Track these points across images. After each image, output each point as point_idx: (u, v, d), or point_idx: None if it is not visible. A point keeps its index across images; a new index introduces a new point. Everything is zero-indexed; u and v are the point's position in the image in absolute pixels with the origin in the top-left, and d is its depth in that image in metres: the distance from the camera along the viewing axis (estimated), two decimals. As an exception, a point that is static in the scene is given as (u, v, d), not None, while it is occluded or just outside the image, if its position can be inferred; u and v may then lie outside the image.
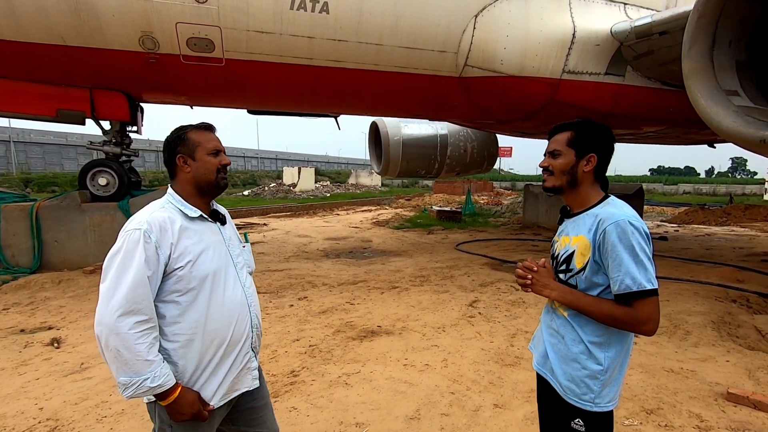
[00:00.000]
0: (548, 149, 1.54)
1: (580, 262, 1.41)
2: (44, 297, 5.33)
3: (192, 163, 1.49)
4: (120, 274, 1.32)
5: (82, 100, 6.58)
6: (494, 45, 6.84)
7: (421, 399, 3.02)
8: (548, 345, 1.54)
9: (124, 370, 1.28)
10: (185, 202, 1.49)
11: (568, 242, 1.48)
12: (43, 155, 34.41)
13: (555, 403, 1.49)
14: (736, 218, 15.44)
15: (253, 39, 6.12)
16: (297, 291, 5.78)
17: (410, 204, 21.47)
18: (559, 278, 1.51)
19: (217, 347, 1.45)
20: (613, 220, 1.34)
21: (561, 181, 1.51)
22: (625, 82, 7.18)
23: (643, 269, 1.30)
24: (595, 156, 1.46)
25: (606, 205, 1.44)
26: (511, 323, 4.58)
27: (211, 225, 1.55)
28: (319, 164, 55.28)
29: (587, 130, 1.49)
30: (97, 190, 6.92)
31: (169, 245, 1.38)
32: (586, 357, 1.41)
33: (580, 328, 1.43)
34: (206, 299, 1.43)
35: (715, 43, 4.68)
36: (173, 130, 1.53)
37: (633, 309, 1.31)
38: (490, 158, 12.91)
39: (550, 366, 1.51)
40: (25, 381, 3.24)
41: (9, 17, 5.41)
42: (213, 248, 1.49)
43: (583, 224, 1.45)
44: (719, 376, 3.40)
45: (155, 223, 1.38)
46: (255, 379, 1.60)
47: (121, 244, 1.36)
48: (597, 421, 1.41)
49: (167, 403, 1.35)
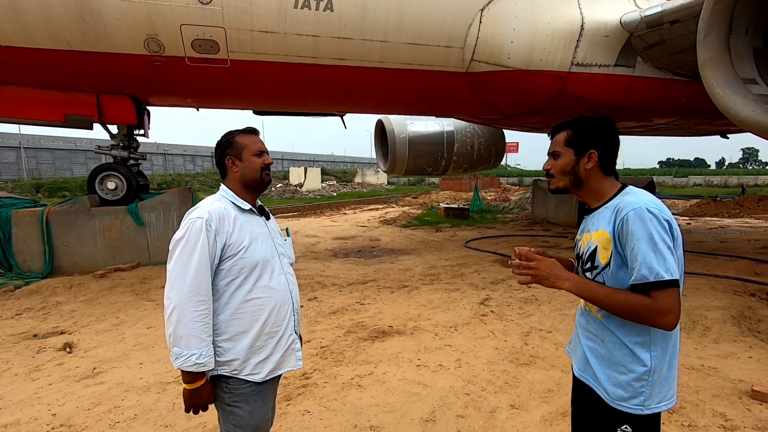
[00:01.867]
0: (549, 150, 1.52)
1: (604, 256, 1.35)
2: (56, 302, 5.36)
3: (239, 164, 1.67)
4: (185, 257, 1.49)
5: (89, 104, 6.60)
6: (501, 39, 6.74)
7: (435, 401, 2.97)
8: (587, 349, 1.47)
9: (177, 342, 1.46)
10: (237, 196, 1.67)
11: (590, 239, 1.43)
12: (53, 161, 34.79)
13: (599, 409, 1.41)
14: (749, 210, 15.15)
15: (258, 39, 6.09)
16: (307, 292, 5.75)
17: (417, 202, 21.37)
18: (586, 277, 1.44)
19: (265, 328, 1.61)
20: (631, 207, 1.29)
21: (564, 182, 1.48)
22: (635, 73, 7.03)
23: (662, 258, 1.23)
24: (595, 152, 1.42)
25: (624, 195, 1.38)
26: (525, 321, 4.51)
27: (258, 218, 1.72)
28: (325, 164, 55.28)
29: (584, 127, 1.45)
30: (106, 194, 6.95)
31: (226, 233, 1.55)
32: (630, 360, 1.33)
33: (618, 329, 1.36)
34: (254, 284, 1.59)
35: (732, 30, 4.54)
36: (223, 135, 1.72)
37: (652, 300, 1.23)
38: (498, 154, 12.78)
39: (592, 372, 1.43)
40: (38, 386, 3.24)
41: (15, 23, 5.43)
42: (261, 239, 1.66)
43: (602, 218, 1.39)
44: (742, 373, 3.31)
45: (215, 213, 1.55)
46: (299, 360, 1.74)
47: (185, 231, 1.52)
48: (646, 424, 1.34)
49: (193, 387, 1.50)
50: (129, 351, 3.88)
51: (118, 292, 5.70)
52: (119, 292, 5.73)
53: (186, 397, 1.53)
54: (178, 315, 1.45)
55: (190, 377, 1.49)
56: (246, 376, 1.59)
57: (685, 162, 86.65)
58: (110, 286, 5.92)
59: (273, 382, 1.70)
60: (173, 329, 1.46)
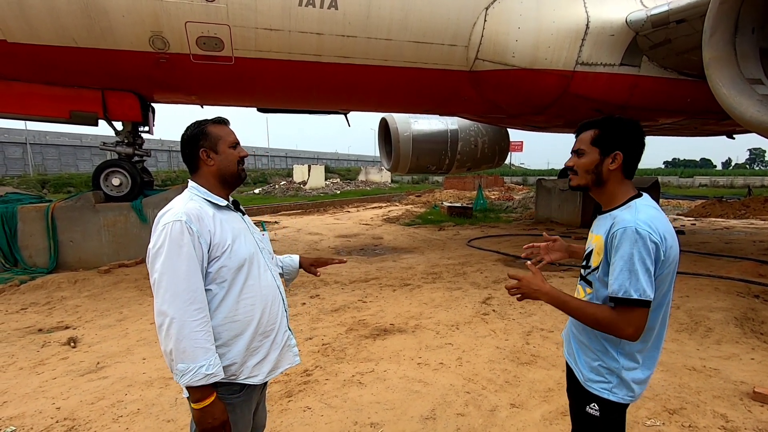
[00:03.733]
0: (573, 148, 1.55)
1: (596, 260, 1.45)
2: (61, 297, 5.41)
3: (215, 156, 1.54)
4: (171, 265, 1.35)
5: (94, 101, 6.64)
6: (506, 37, 6.72)
7: (436, 399, 2.98)
8: (572, 335, 1.61)
9: (182, 358, 1.32)
10: (211, 193, 1.54)
11: (591, 240, 1.54)
12: (58, 156, 35.05)
13: (577, 389, 1.55)
14: (755, 211, 15.03)
15: (262, 36, 6.09)
16: (309, 289, 5.77)
17: (420, 200, 21.35)
18: (581, 273, 1.57)
19: (260, 329, 1.53)
20: (622, 225, 1.35)
21: (586, 180, 1.52)
22: (640, 72, 6.99)
23: (635, 279, 1.29)
24: (620, 154, 1.44)
25: (627, 208, 1.43)
26: (526, 321, 4.51)
27: (236, 214, 1.61)
28: (328, 162, 55.40)
29: (612, 128, 1.47)
30: (111, 190, 6.99)
31: (208, 233, 1.43)
32: (600, 350, 1.47)
33: None
34: (243, 284, 1.50)
35: (738, 30, 4.51)
36: (192, 125, 1.57)
37: (616, 313, 1.33)
38: (501, 153, 12.75)
39: (574, 355, 1.57)
40: (43, 380, 3.28)
41: (21, 20, 5.47)
42: (243, 235, 1.55)
43: (603, 224, 1.47)
44: (744, 374, 3.30)
45: (193, 214, 1.41)
46: (296, 356, 1.68)
47: (164, 238, 1.37)
48: (611, 410, 1.46)
49: (203, 405, 1.37)
50: (132, 346, 3.92)
51: (122, 288, 5.75)
52: (123, 287, 5.77)
53: (197, 419, 1.38)
54: (178, 328, 1.32)
55: (199, 394, 1.36)
56: (245, 379, 1.50)
57: (690, 162, 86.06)
58: (114, 282, 5.97)
59: (259, 388, 1.61)
60: (174, 344, 1.32)
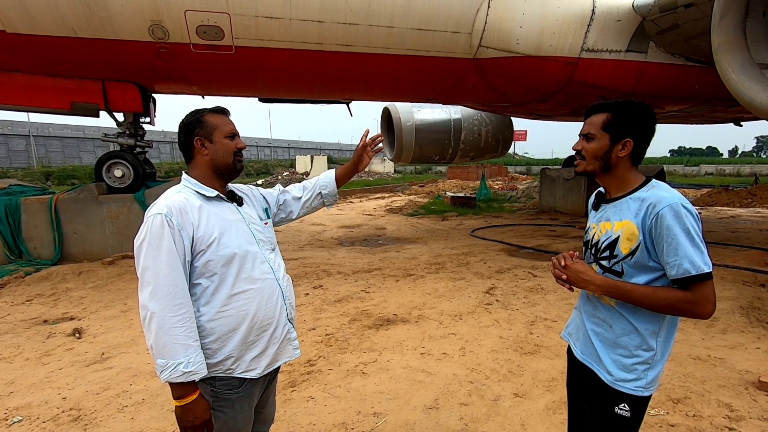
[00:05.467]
0: (582, 131, 1.47)
1: (626, 247, 1.36)
2: (65, 288, 5.44)
3: (210, 146, 1.51)
4: (152, 259, 1.34)
5: (95, 92, 6.61)
6: (510, 24, 6.60)
7: (439, 388, 2.98)
8: (592, 334, 1.50)
9: (161, 353, 1.32)
10: (201, 184, 1.51)
11: (610, 228, 1.42)
12: (62, 149, 35.10)
13: (598, 390, 1.46)
14: (762, 199, 14.88)
15: (263, 25, 6.02)
16: (312, 280, 5.78)
17: (424, 190, 21.28)
18: (601, 265, 1.45)
19: (254, 323, 1.48)
20: (666, 203, 1.29)
21: (593, 166, 1.46)
22: (647, 59, 6.87)
23: (700, 252, 1.26)
24: (631, 141, 1.39)
25: (651, 188, 1.38)
26: (530, 310, 4.49)
27: (229, 205, 1.56)
28: (331, 152, 55.25)
29: (624, 113, 1.40)
30: (113, 181, 6.99)
31: (191, 225, 1.40)
32: (637, 345, 1.38)
33: (632, 316, 1.39)
34: (235, 277, 1.45)
35: (748, 13, 4.39)
36: (189, 113, 1.54)
37: (692, 293, 1.27)
38: (505, 142, 12.64)
39: (596, 355, 1.47)
40: (49, 371, 3.31)
41: (21, 10, 5.42)
42: (235, 227, 1.50)
43: (626, 209, 1.39)
44: (749, 363, 3.28)
45: (174, 207, 1.39)
46: (296, 349, 1.64)
47: (145, 232, 1.37)
48: (640, 405, 1.41)
49: (185, 402, 1.35)
50: (136, 337, 3.94)
51: (126, 279, 5.77)
52: (127, 278, 5.80)
53: (178, 416, 1.36)
54: (158, 323, 1.31)
55: (180, 391, 1.34)
56: (242, 373, 1.47)
57: (696, 150, 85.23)
58: (118, 273, 6.00)
59: (262, 380, 1.57)
60: (154, 339, 1.31)
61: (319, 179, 1.96)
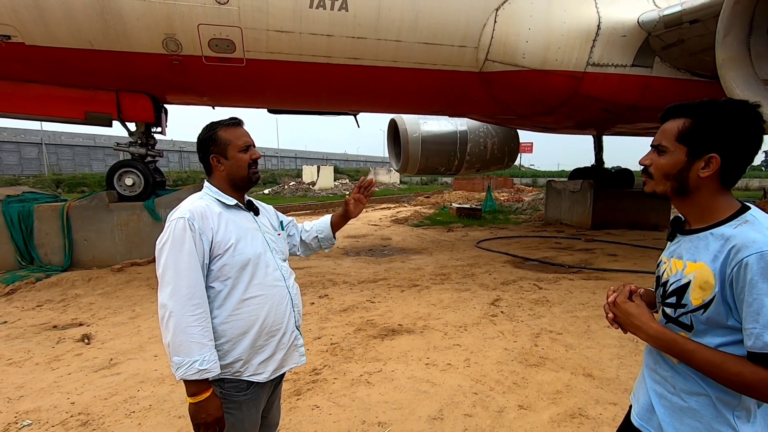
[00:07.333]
0: (654, 141, 1.16)
1: (698, 298, 1.03)
2: (75, 294, 5.51)
3: (225, 162, 1.57)
4: (173, 260, 1.40)
5: (109, 102, 6.76)
6: (516, 39, 6.70)
7: (443, 399, 2.98)
8: (653, 395, 1.17)
9: (177, 351, 1.36)
10: (222, 192, 1.58)
11: (681, 268, 1.09)
12: (73, 157, 35.69)
13: None
14: (771, 214, 14.75)
15: (273, 39, 6.16)
16: (318, 289, 5.81)
17: (429, 201, 21.32)
18: (665, 313, 1.15)
19: (264, 328, 1.53)
20: (756, 249, 0.94)
21: (664, 187, 1.12)
22: (652, 73, 6.94)
23: None
24: (717, 157, 1.03)
25: (743, 223, 1.00)
26: (535, 322, 4.49)
27: (246, 214, 1.64)
28: (337, 162, 55.58)
29: (710, 118, 1.04)
30: (124, 190, 7.11)
31: (211, 230, 1.47)
32: (713, 416, 1.04)
33: (703, 379, 1.06)
34: (248, 283, 1.51)
35: (753, 30, 4.45)
36: (204, 129, 1.59)
37: None
38: (511, 154, 12.69)
39: (658, 422, 1.14)
40: (58, 376, 3.35)
41: (40, 23, 5.59)
42: (251, 235, 1.57)
43: (704, 247, 1.05)
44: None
45: (197, 212, 1.46)
46: (302, 356, 1.69)
47: (168, 234, 1.44)
48: None
49: (198, 399, 1.39)
50: (144, 343, 3.98)
51: (134, 286, 5.84)
52: (136, 285, 5.86)
53: (191, 413, 1.41)
54: (175, 322, 1.36)
55: (194, 388, 1.38)
56: (249, 377, 1.51)
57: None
58: (127, 280, 6.07)
59: (269, 385, 1.61)
60: (171, 338, 1.37)
61: (315, 225, 2.02)
